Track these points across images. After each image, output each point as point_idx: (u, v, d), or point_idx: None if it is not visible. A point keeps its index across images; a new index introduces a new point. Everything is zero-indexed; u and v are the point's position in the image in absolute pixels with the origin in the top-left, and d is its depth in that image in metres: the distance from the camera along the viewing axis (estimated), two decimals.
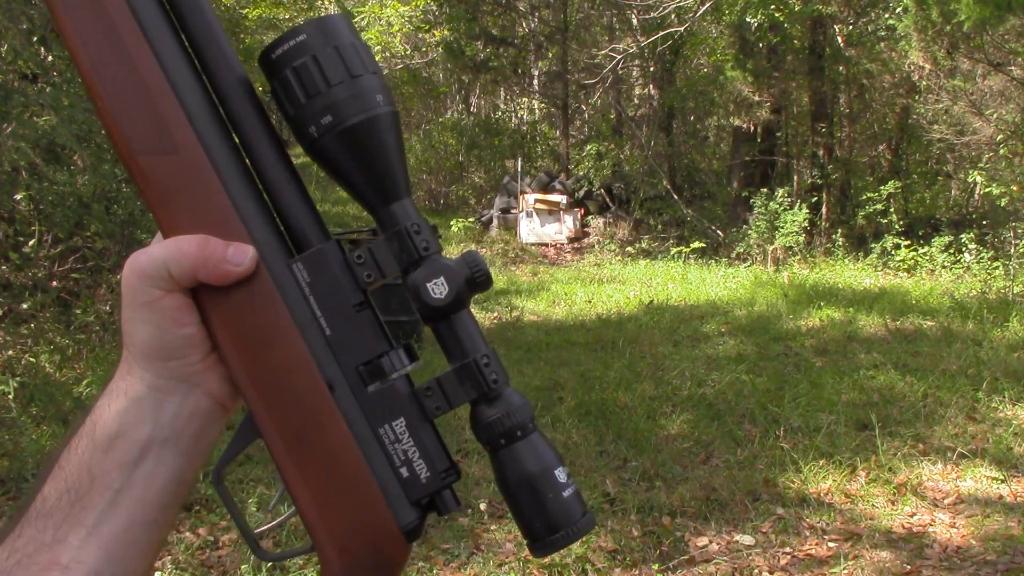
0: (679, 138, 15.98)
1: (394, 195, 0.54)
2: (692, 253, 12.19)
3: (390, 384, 0.53)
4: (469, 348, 0.54)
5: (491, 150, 16.86)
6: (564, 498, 0.53)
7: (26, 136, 4.72)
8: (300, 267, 0.53)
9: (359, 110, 0.52)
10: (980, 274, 9.65)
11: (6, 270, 5.37)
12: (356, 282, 0.53)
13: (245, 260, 0.51)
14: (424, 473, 0.53)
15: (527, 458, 0.53)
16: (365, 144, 0.53)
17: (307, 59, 0.51)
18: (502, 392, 0.54)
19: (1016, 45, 9.11)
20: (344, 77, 0.52)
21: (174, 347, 0.53)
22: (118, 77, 0.51)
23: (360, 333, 0.53)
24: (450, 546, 3.44)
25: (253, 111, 0.53)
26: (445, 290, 0.53)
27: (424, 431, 0.54)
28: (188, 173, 0.51)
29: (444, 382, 0.54)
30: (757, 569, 3.34)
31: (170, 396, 0.54)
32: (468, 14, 15.50)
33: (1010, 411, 5.04)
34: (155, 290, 0.52)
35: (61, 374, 5.25)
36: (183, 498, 0.56)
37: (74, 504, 0.52)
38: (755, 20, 12.80)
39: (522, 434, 0.53)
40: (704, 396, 5.47)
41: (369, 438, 0.53)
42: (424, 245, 0.53)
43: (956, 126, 10.84)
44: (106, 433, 0.53)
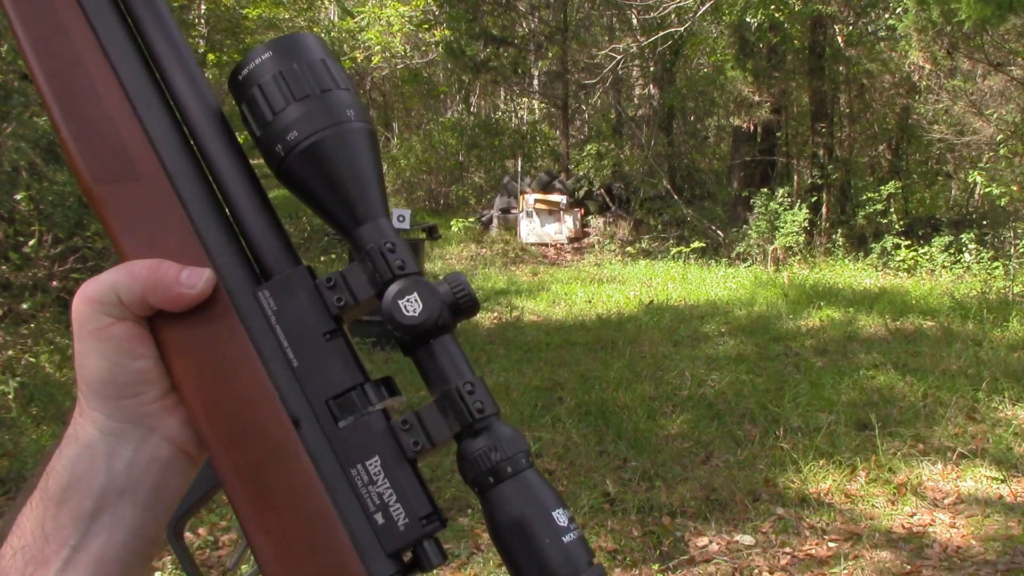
0: (679, 138, 15.98)
1: (367, 215, 0.50)
2: (692, 253, 12.20)
3: (363, 419, 0.48)
4: (451, 375, 0.49)
5: (491, 150, 16.86)
6: (564, 544, 0.46)
7: (26, 136, 4.72)
8: (266, 294, 0.49)
9: (326, 124, 0.49)
10: (980, 274, 9.65)
11: (6, 270, 5.37)
12: (327, 309, 0.49)
13: (199, 283, 0.48)
14: (402, 520, 0.47)
15: (519, 499, 0.47)
16: (333, 160, 0.49)
17: (273, 75, 0.49)
18: (490, 424, 0.48)
19: (1016, 45, 9.11)
20: (311, 91, 0.49)
21: (126, 383, 0.48)
22: (79, 107, 0.49)
23: (330, 364, 0.49)
24: (450, 546, 3.44)
25: (220, 134, 0.51)
26: (419, 307, 0.48)
27: (402, 471, 0.48)
28: (149, 201, 0.49)
29: (424, 415, 0.48)
30: (757, 569, 3.34)
31: (124, 441, 0.49)
32: (468, 14, 15.50)
33: (1010, 411, 5.04)
34: (104, 317, 0.48)
35: (61, 374, 5.25)
36: (149, 555, 0.51)
37: (28, 563, 0.47)
38: (755, 20, 12.80)
39: (513, 471, 0.47)
40: (704, 396, 5.47)
41: (339, 480, 0.47)
42: (399, 264, 0.49)
43: (956, 126, 10.84)
44: (58, 484, 0.48)
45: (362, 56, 17.81)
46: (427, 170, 17.02)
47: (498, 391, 5.49)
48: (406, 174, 17.24)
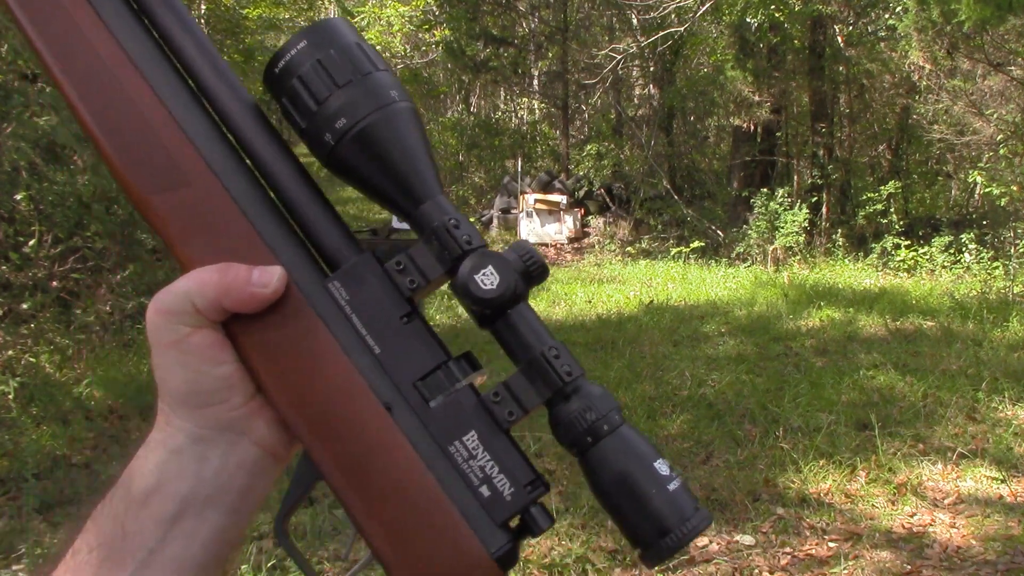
0: (679, 138, 15.98)
1: (425, 193, 0.50)
2: (692, 253, 12.20)
3: (453, 397, 0.49)
4: (534, 342, 0.49)
5: (491, 150, 16.86)
6: (670, 493, 0.47)
7: (26, 136, 4.72)
8: (336, 285, 0.49)
9: (373, 108, 0.49)
10: (980, 274, 9.65)
11: (6, 270, 5.37)
12: (399, 292, 0.49)
13: (272, 281, 0.48)
14: (507, 489, 0.48)
15: (621, 454, 0.47)
16: (385, 143, 0.49)
17: (312, 64, 0.49)
18: (579, 385, 0.49)
19: (1016, 45, 9.11)
20: (353, 76, 0.49)
21: (211, 390, 0.48)
22: (119, 121, 0.49)
23: (412, 346, 0.49)
24: None
25: (263, 131, 0.51)
26: (496, 279, 0.48)
27: (499, 442, 0.48)
28: (204, 204, 0.49)
29: (512, 385, 0.49)
30: (757, 569, 3.34)
31: (214, 447, 0.49)
32: (468, 14, 15.50)
33: (1010, 411, 5.04)
34: (182, 327, 0.47)
35: (61, 374, 5.25)
36: (228, 559, 0.51)
37: (104, 561, 0.47)
38: (755, 20, 12.80)
39: (609, 428, 0.48)
40: (704, 396, 5.47)
41: (440, 458, 0.48)
42: (466, 239, 0.49)
43: (956, 126, 10.84)
44: (143, 487, 0.48)
45: None
46: None
47: None
48: None
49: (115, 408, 4.94)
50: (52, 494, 3.77)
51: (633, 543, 0.48)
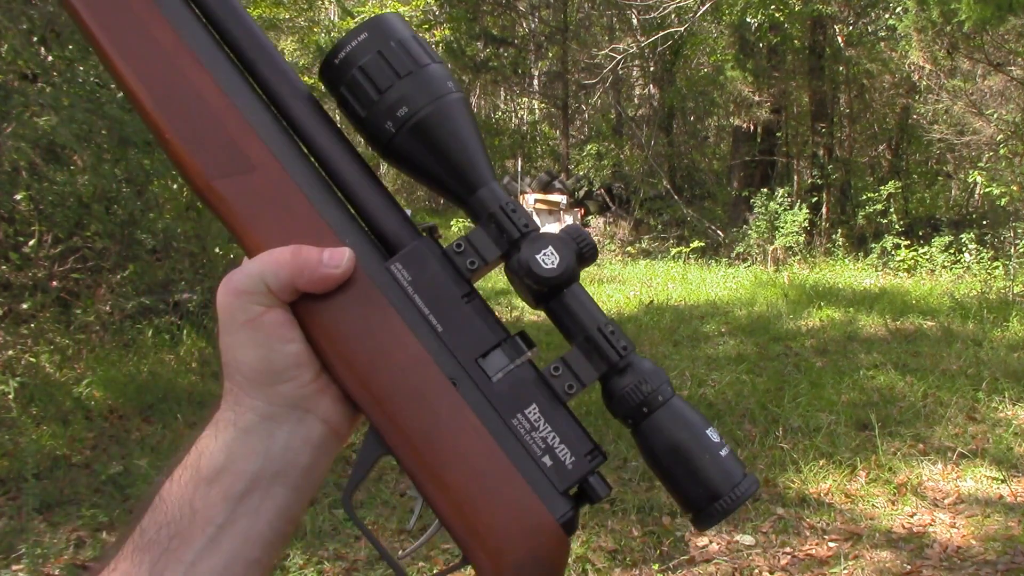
0: (679, 138, 15.99)
1: (479, 180, 0.52)
2: (692, 253, 12.20)
3: (514, 371, 0.51)
4: (588, 320, 0.51)
5: (491, 150, 16.86)
6: (722, 458, 0.50)
7: (26, 136, 4.72)
8: (399, 267, 0.52)
9: (433, 97, 0.51)
10: (980, 274, 9.64)
11: (6, 270, 5.37)
12: (459, 273, 0.52)
13: (343, 261, 0.49)
14: (569, 459, 0.50)
15: (674, 424, 0.50)
16: (442, 132, 0.51)
17: (373, 55, 0.51)
18: (631, 360, 0.51)
19: (1016, 45, 9.11)
20: (413, 67, 0.51)
21: (283, 367, 0.50)
22: (183, 108, 0.50)
23: (473, 324, 0.51)
24: (450, 546, 3.44)
25: (320, 119, 0.53)
26: (556, 259, 0.50)
27: (559, 414, 0.51)
28: (269, 189, 0.51)
29: (570, 360, 0.51)
30: (757, 569, 3.34)
31: (282, 425, 0.50)
32: (468, 14, 15.51)
33: (1010, 411, 5.04)
34: (255, 307, 0.49)
35: (61, 374, 5.25)
36: (290, 535, 0.53)
37: (173, 538, 0.48)
38: (755, 20, 12.81)
39: (663, 399, 0.50)
40: (704, 396, 5.47)
41: (503, 430, 0.50)
42: (524, 223, 0.52)
43: (956, 126, 10.84)
44: (212, 465, 0.49)
45: None
46: None
47: None
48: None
49: (115, 408, 4.94)
50: (52, 494, 3.77)
51: (685, 508, 0.51)
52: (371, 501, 3.78)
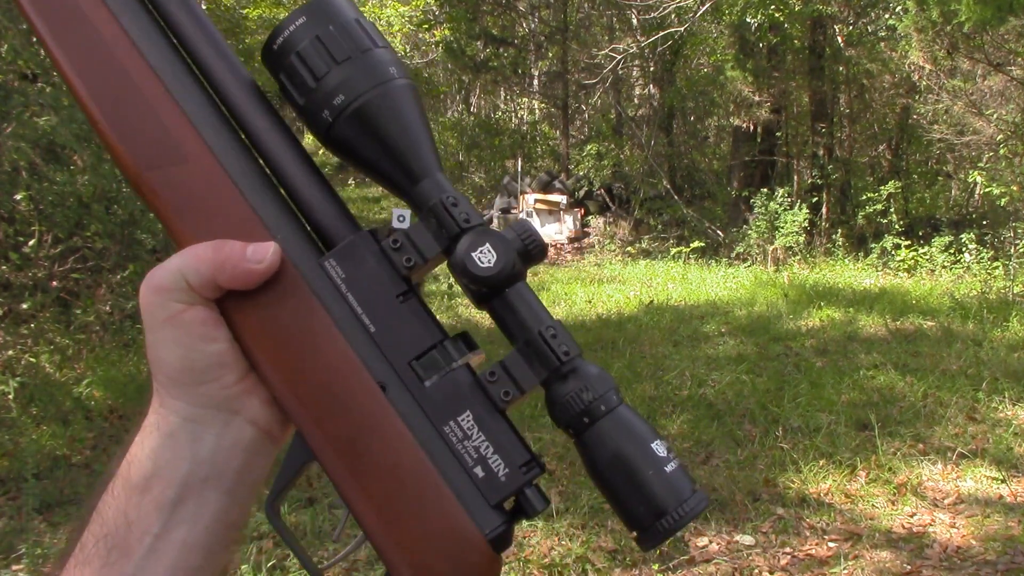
0: (679, 138, 15.99)
1: (423, 171, 0.50)
2: (692, 253, 12.20)
3: (449, 376, 0.48)
4: (531, 321, 0.48)
5: (491, 150, 16.86)
6: (667, 474, 0.46)
7: (26, 136, 4.72)
8: (332, 263, 0.49)
9: (372, 84, 0.48)
10: (980, 274, 9.64)
11: (6, 270, 5.37)
12: (396, 270, 0.49)
13: (267, 256, 0.47)
14: (502, 470, 0.47)
15: (617, 435, 0.47)
16: (384, 120, 0.49)
17: (310, 40, 0.48)
18: (575, 366, 0.48)
19: (1016, 45, 9.11)
20: (352, 53, 0.48)
21: (204, 368, 0.48)
22: (117, 98, 0.49)
23: (408, 325, 0.49)
24: None
25: (260, 108, 0.51)
26: (493, 257, 0.47)
27: (495, 423, 0.48)
28: (200, 181, 0.49)
29: (509, 364, 0.48)
30: (757, 569, 3.34)
31: (207, 427, 0.48)
32: (468, 14, 15.51)
33: (1010, 411, 5.04)
34: (175, 304, 0.47)
35: (61, 374, 5.25)
36: (233, 540, 0.51)
37: (112, 551, 0.47)
38: (755, 20, 12.81)
39: (606, 408, 0.47)
40: (704, 396, 5.47)
41: (434, 439, 0.48)
42: (464, 217, 0.49)
43: (956, 126, 10.84)
44: (141, 473, 0.48)
45: None
46: None
47: None
48: None
49: (115, 408, 4.94)
50: (52, 494, 3.77)
51: (629, 526, 0.48)
52: None
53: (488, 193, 16.08)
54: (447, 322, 8.10)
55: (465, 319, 8.35)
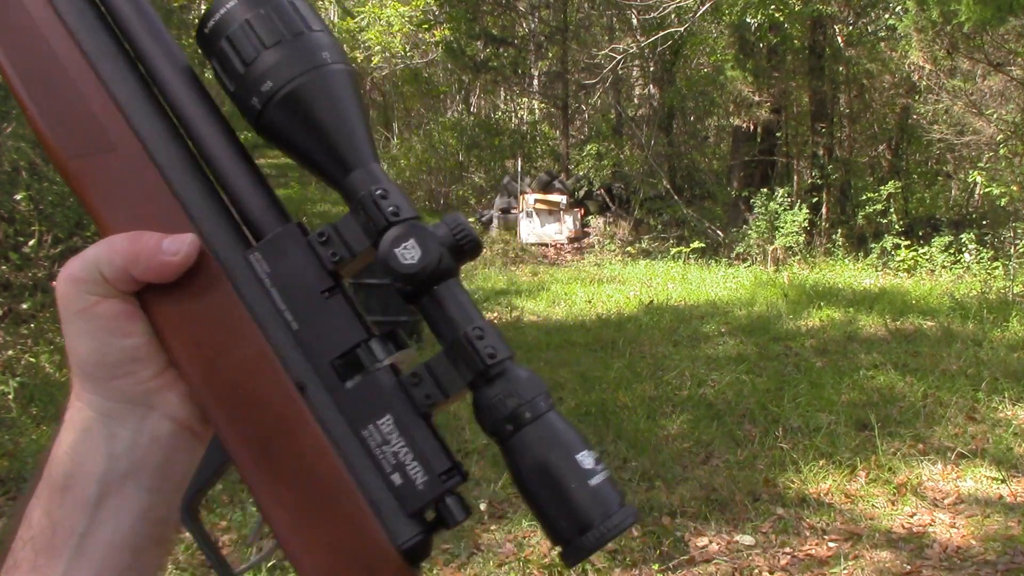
0: (679, 138, 15.99)
1: (355, 161, 0.47)
2: (692, 253, 12.20)
3: (371, 377, 0.46)
4: (458, 321, 0.46)
5: (491, 150, 16.86)
6: (592, 487, 0.44)
7: (26, 136, 4.72)
8: (257, 257, 0.47)
9: (301, 69, 0.46)
10: (980, 274, 9.65)
11: (6, 270, 5.37)
12: (322, 265, 0.47)
13: (183, 248, 0.45)
14: (421, 478, 0.45)
15: (541, 444, 0.44)
16: (313, 106, 0.46)
17: (240, 24, 0.46)
18: (504, 369, 0.45)
19: (1016, 45, 9.11)
20: (283, 36, 0.46)
21: (118, 362, 0.46)
22: (46, 82, 0.47)
23: (331, 323, 0.47)
24: (450, 546, 3.44)
25: (193, 95, 0.49)
26: (417, 253, 0.45)
27: (416, 428, 0.46)
28: (126, 170, 0.47)
29: (434, 366, 0.46)
30: (757, 569, 3.34)
31: (123, 423, 0.47)
32: (468, 14, 15.50)
33: (1010, 411, 5.04)
34: (88, 296, 0.46)
35: (61, 374, 5.25)
36: (163, 538, 0.49)
37: (39, 554, 0.46)
38: (755, 20, 12.81)
39: (532, 415, 0.45)
40: (704, 396, 5.47)
41: (352, 443, 0.46)
42: (392, 209, 0.46)
43: (956, 126, 10.84)
44: (61, 471, 0.46)
45: (362, 56, 17.81)
46: (427, 170, 17.02)
47: None
48: (406, 174, 17.23)
49: None
50: None
51: (553, 540, 0.45)
52: None
53: (488, 193, 16.08)
54: None
55: None
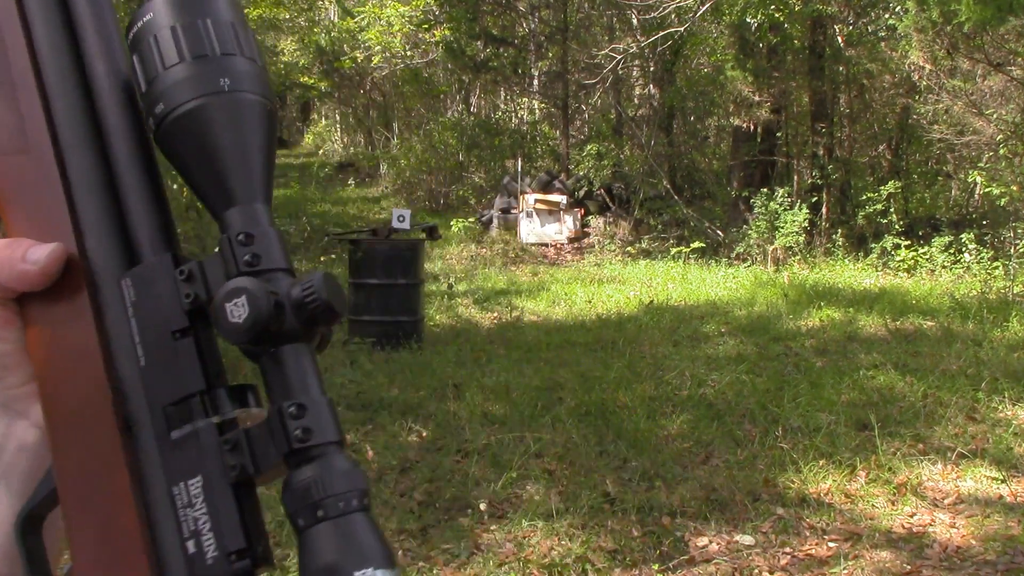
0: (679, 138, 15.99)
1: (238, 197, 0.44)
2: (692, 253, 12.20)
3: (194, 432, 0.42)
4: (279, 392, 0.42)
5: (491, 150, 16.85)
6: None
7: None
8: (128, 283, 0.44)
9: (192, 95, 0.43)
10: (980, 274, 9.65)
11: None
12: (179, 304, 0.44)
13: (42, 258, 0.44)
14: (211, 552, 0.41)
15: (332, 545, 0.39)
16: (200, 134, 0.44)
17: (149, 39, 0.45)
18: (321, 454, 0.41)
19: (1016, 45, 9.11)
20: (183, 57, 0.44)
21: None
22: None
23: (176, 366, 0.43)
24: (450, 546, 3.44)
25: (120, 106, 0.47)
26: (245, 312, 0.40)
27: (221, 497, 0.41)
28: (33, 175, 0.46)
29: (253, 435, 0.42)
30: (757, 569, 3.34)
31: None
32: (468, 14, 15.51)
33: (1010, 411, 5.04)
34: None
35: None
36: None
37: None
38: (755, 20, 12.81)
39: (333, 512, 0.39)
40: (704, 396, 5.47)
41: (162, 497, 0.42)
42: (248, 258, 0.42)
43: (956, 126, 10.85)
44: None
45: (362, 56, 17.82)
46: (427, 170, 17.02)
47: (498, 391, 5.50)
48: (406, 174, 17.24)
49: None
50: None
51: None
52: (371, 501, 3.78)
53: (488, 193, 16.08)
54: (446, 322, 8.10)
55: (465, 319, 8.35)
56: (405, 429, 4.76)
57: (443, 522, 3.64)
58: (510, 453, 4.35)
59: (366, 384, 5.60)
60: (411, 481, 4.06)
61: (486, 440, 4.52)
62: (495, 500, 3.85)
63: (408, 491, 3.94)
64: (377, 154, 20.25)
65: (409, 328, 6.78)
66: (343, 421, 1.55)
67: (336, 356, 6.32)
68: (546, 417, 4.98)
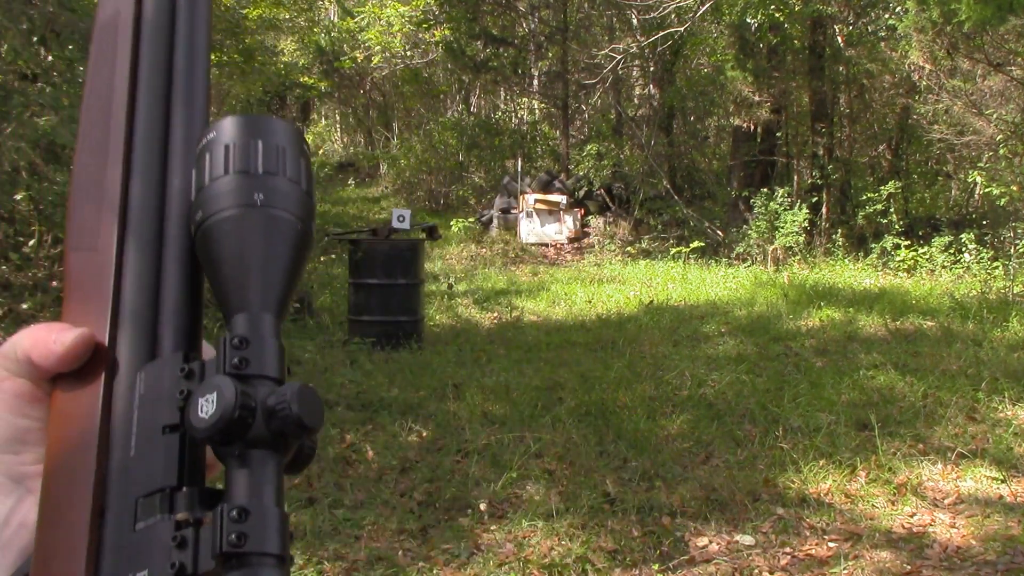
0: (679, 138, 15.99)
1: (246, 305, 0.45)
2: (692, 253, 12.20)
3: (152, 527, 0.43)
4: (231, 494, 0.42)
5: (491, 150, 16.86)
6: None
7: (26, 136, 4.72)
8: (142, 376, 0.47)
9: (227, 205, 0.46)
10: (980, 274, 9.65)
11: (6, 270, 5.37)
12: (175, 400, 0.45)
13: (68, 340, 0.46)
14: None
15: None
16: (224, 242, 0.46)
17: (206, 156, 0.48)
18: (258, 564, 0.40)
19: (1016, 45, 9.11)
20: (228, 171, 0.47)
21: (6, 438, 0.48)
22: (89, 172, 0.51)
23: (156, 460, 0.45)
24: (450, 546, 3.44)
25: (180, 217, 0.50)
26: (212, 409, 0.41)
27: None
28: (95, 270, 0.49)
29: (203, 536, 0.42)
30: (757, 569, 3.34)
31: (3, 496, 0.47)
32: (468, 14, 15.51)
33: (1010, 411, 5.04)
34: (2, 370, 0.48)
35: None
36: None
37: None
38: (755, 20, 12.81)
39: None
40: (704, 396, 5.47)
41: None
42: (236, 361, 0.43)
43: (956, 126, 10.85)
44: None
45: (362, 56, 17.82)
46: (427, 170, 17.03)
47: (498, 391, 5.50)
48: (406, 174, 17.24)
49: None
50: None
51: None
52: (371, 501, 3.78)
53: (488, 193, 16.08)
54: (446, 322, 8.10)
55: (465, 319, 8.35)
56: (405, 429, 4.76)
57: (443, 522, 3.64)
58: (510, 453, 4.35)
59: (366, 384, 5.60)
60: (411, 481, 4.06)
61: (486, 440, 4.52)
62: (495, 500, 3.85)
63: (408, 491, 3.94)
64: (377, 154, 20.26)
65: (409, 328, 6.78)
66: (343, 421, 1.59)
67: (336, 356, 6.32)
68: (546, 417, 4.98)
